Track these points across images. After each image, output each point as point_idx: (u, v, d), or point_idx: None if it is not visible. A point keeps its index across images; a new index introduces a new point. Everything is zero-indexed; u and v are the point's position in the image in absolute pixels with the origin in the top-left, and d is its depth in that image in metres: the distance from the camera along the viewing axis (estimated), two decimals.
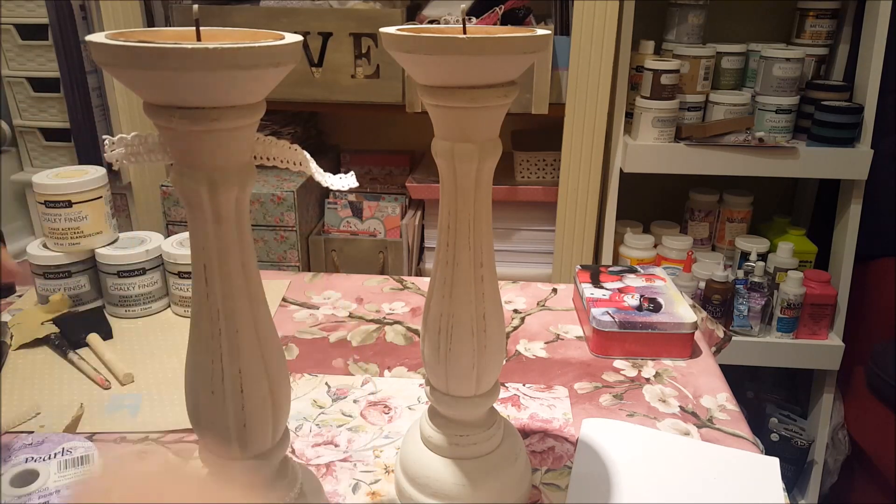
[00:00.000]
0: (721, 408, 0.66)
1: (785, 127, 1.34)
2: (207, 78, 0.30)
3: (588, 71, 1.28)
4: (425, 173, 1.49)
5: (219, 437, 0.40)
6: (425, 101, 0.42)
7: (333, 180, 0.38)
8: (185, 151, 0.33)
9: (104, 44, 0.31)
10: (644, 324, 0.72)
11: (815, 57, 1.40)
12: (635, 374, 0.71)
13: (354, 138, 1.72)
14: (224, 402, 0.39)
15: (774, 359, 1.42)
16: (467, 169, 0.43)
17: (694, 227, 1.51)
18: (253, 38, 0.34)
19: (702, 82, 1.36)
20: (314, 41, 1.32)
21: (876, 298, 1.42)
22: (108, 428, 0.61)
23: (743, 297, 1.39)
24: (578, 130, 1.32)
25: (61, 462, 0.50)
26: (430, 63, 0.39)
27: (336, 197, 1.51)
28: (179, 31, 0.35)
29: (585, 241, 1.39)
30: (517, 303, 0.86)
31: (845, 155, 1.31)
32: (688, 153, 1.33)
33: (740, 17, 1.50)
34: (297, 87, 1.35)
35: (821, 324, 1.40)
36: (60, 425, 0.61)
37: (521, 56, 0.39)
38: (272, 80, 0.33)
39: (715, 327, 0.80)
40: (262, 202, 1.38)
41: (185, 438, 0.60)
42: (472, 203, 0.44)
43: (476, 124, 0.42)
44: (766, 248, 1.42)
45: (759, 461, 0.58)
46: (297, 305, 0.85)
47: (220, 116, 0.32)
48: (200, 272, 0.37)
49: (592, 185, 1.35)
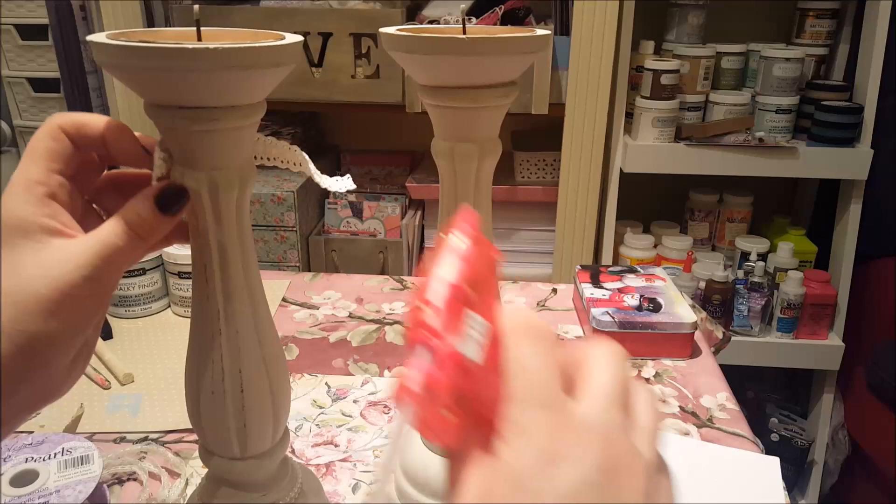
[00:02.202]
0: (721, 407, 0.66)
1: (785, 127, 1.34)
2: (208, 78, 0.30)
3: (588, 71, 1.28)
4: (425, 173, 1.49)
5: (219, 437, 0.40)
6: (425, 102, 0.42)
7: (330, 182, 0.38)
8: (186, 151, 0.33)
9: (105, 44, 0.30)
10: (644, 324, 0.72)
11: (815, 57, 1.40)
12: (635, 375, 0.71)
13: (354, 138, 1.72)
14: (224, 403, 0.39)
15: (774, 359, 1.42)
16: (467, 169, 0.43)
17: (694, 227, 1.51)
18: (253, 38, 0.34)
19: (702, 82, 1.36)
20: (314, 41, 1.32)
21: (876, 298, 1.42)
22: (108, 428, 0.61)
23: (743, 298, 1.39)
24: (578, 130, 1.32)
25: (61, 462, 0.50)
26: (429, 63, 0.39)
27: (336, 197, 1.51)
28: (180, 31, 0.35)
29: (585, 242, 1.39)
30: (517, 303, 0.86)
31: (845, 155, 1.31)
32: (688, 153, 1.33)
33: (740, 17, 1.50)
34: (297, 87, 1.34)
35: (821, 324, 1.40)
36: (60, 425, 0.61)
37: (521, 56, 0.39)
38: (272, 80, 0.33)
39: (714, 328, 0.80)
40: (262, 202, 1.38)
41: (185, 438, 0.60)
42: (472, 203, 0.44)
43: (476, 124, 0.42)
44: (766, 248, 1.42)
45: (760, 460, 0.58)
46: (297, 305, 0.85)
47: (220, 116, 0.32)
48: (201, 272, 0.37)
49: (592, 185, 1.35)
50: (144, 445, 0.58)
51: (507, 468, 0.23)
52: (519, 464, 0.22)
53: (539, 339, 0.25)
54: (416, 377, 0.24)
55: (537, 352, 0.25)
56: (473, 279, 0.27)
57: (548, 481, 0.22)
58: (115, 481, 0.55)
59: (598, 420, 0.24)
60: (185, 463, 0.56)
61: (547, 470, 0.22)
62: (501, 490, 0.22)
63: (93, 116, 0.32)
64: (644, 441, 0.25)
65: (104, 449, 0.57)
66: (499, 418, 0.24)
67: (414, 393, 0.24)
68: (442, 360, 0.25)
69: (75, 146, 0.32)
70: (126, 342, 0.74)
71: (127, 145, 0.33)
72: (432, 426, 0.24)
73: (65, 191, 0.31)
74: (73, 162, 0.32)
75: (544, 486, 0.22)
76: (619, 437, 0.24)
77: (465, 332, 0.26)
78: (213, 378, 0.38)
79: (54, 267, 0.29)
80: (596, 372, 0.25)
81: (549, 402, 0.24)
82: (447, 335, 0.25)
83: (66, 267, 0.29)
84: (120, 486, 0.55)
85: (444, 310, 0.26)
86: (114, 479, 0.55)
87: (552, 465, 0.22)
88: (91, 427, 0.61)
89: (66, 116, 0.32)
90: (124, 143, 0.32)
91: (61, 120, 0.31)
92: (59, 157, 0.31)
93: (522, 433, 0.23)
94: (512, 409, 0.24)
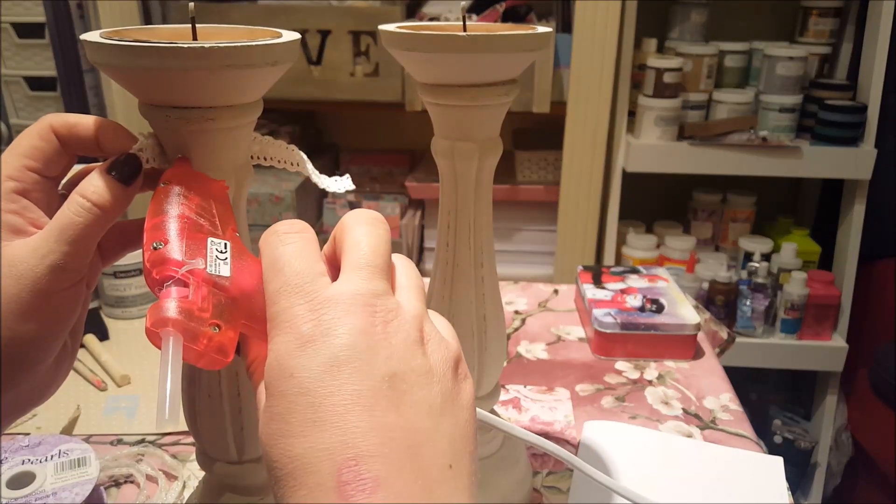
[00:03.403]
0: (724, 408, 0.65)
1: (788, 126, 1.33)
2: (203, 77, 0.30)
3: (590, 69, 1.27)
4: (425, 173, 1.49)
5: (216, 440, 0.40)
6: (425, 100, 0.41)
7: (329, 182, 0.37)
8: (182, 151, 0.33)
9: (98, 42, 0.30)
10: (647, 325, 0.72)
11: (818, 55, 1.39)
12: (638, 376, 0.70)
13: (353, 137, 1.71)
14: (221, 405, 0.38)
15: (778, 360, 1.41)
16: (467, 168, 0.42)
17: (697, 227, 1.50)
18: (250, 35, 0.34)
19: (705, 81, 1.35)
20: (313, 39, 1.32)
21: (880, 299, 1.41)
22: (105, 430, 0.61)
23: (746, 298, 1.38)
24: (580, 129, 1.31)
25: (58, 464, 0.50)
26: (430, 61, 0.38)
27: (335, 197, 1.50)
28: (175, 28, 0.35)
29: (587, 242, 1.39)
30: (518, 304, 0.85)
31: (849, 154, 1.30)
32: (691, 152, 1.32)
33: (743, 15, 1.49)
34: (295, 85, 1.34)
35: (824, 325, 1.39)
36: (57, 427, 0.60)
37: (522, 54, 0.38)
38: (269, 78, 0.33)
39: (718, 328, 0.79)
40: (260, 202, 1.37)
41: (182, 441, 0.59)
42: (473, 203, 0.43)
43: (476, 123, 0.41)
44: (769, 248, 1.41)
45: (763, 461, 0.57)
46: None
47: (216, 116, 0.32)
48: None
49: (594, 184, 1.35)
50: (141, 448, 0.58)
51: (273, 360, 0.24)
52: (280, 351, 0.24)
53: (290, 233, 0.27)
54: (170, 305, 0.25)
55: (286, 243, 0.26)
56: (200, 210, 0.29)
57: (307, 360, 0.23)
58: (112, 483, 0.55)
59: (354, 289, 0.25)
60: (182, 465, 0.56)
61: (301, 351, 0.23)
62: (276, 383, 0.24)
63: (85, 117, 0.31)
64: (406, 297, 0.27)
65: (101, 451, 0.57)
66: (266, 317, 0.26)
67: (172, 318, 0.25)
68: (194, 284, 0.26)
69: (65, 147, 0.31)
70: (122, 343, 0.74)
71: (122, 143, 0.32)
72: (201, 350, 0.25)
73: (41, 189, 0.30)
74: (58, 163, 0.31)
75: (301, 366, 0.23)
76: (381, 299, 0.25)
77: (209, 255, 0.27)
78: (210, 381, 0.38)
79: (18, 264, 0.28)
80: (353, 243, 0.27)
81: (301, 286, 0.25)
82: (191, 262, 0.26)
83: (29, 261, 0.28)
84: (117, 488, 0.54)
85: (179, 241, 0.27)
86: (110, 482, 0.55)
87: (306, 346, 0.23)
88: (88, 429, 0.61)
89: (59, 117, 0.31)
90: (120, 142, 0.32)
91: (53, 120, 0.31)
92: (42, 156, 0.30)
93: (280, 323, 0.25)
94: (269, 304, 0.25)
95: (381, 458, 0.22)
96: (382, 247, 0.27)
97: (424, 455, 0.23)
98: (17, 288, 0.28)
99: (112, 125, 0.32)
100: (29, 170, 0.30)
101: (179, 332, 0.25)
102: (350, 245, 0.27)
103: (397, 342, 0.24)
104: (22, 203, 0.29)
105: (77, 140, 0.31)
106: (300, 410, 0.23)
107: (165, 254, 0.27)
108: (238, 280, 0.27)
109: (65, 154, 0.31)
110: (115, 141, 0.32)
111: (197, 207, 0.29)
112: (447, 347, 0.26)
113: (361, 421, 0.22)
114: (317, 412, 0.22)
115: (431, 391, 0.24)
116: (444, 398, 0.24)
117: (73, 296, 0.30)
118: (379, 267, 0.26)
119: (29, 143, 0.30)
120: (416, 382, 0.24)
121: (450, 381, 0.25)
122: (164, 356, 0.25)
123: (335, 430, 0.22)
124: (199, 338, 0.25)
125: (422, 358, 0.25)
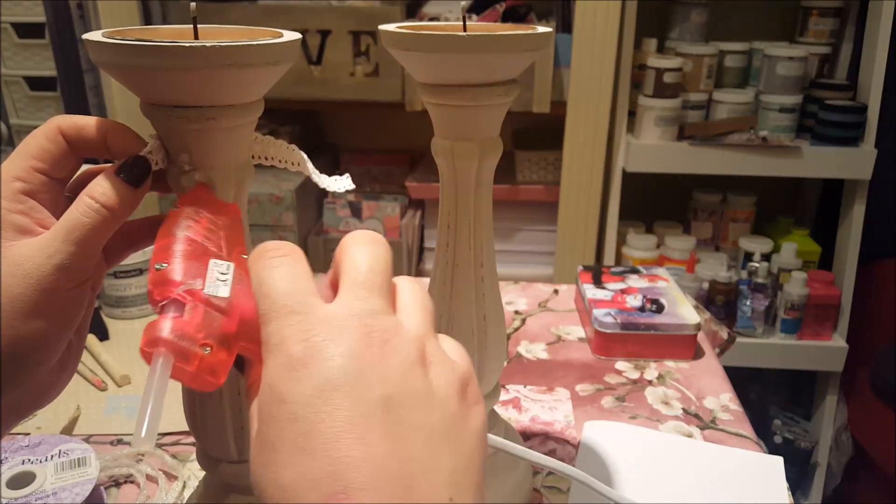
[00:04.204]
0: (724, 408, 0.65)
1: (788, 126, 1.33)
2: (204, 76, 0.30)
3: (590, 69, 1.27)
4: (425, 173, 1.49)
5: (216, 440, 0.39)
6: (425, 100, 0.41)
7: (329, 182, 0.37)
8: (183, 151, 0.33)
9: (100, 42, 0.30)
10: (647, 325, 0.72)
11: (818, 55, 1.39)
12: (638, 376, 0.70)
13: (353, 137, 1.71)
14: (222, 405, 0.38)
15: (778, 360, 1.41)
16: (468, 168, 0.42)
17: (697, 227, 1.50)
18: (251, 35, 0.34)
19: (705, 81, 1.35)
20: (313, 39, 1.32)
21: (880, 299, 1.41)
22: (105, 430, 0.61)
23: (746, 298, 1.38)
24: (580, 129, 1.31)
25: (58, 464, 0.50)
26: (430, 61, 0.38)
27: (335, 197, 1.50)
28: (176, 28, 0.35)
29: (587, 242, 1.39)
30: (518, 304, 0.85)
31: (849, 154, 1.30)
32: (691, 152, 1.32)
33: (743, 15, 1.49)
34: (295, 85, 1.34)
35: (824, 325, 1.39)
36: (57, 427, 0.60)
37: (523, 54, 0.38)
38: (270, 78, 0.33)
39: (719, 328, 0.79)
40: (260, 202, 1.37)
41: (183, 441, 0.59)
42: (473, 203, 0.43)
43: (476, 123, 0.41)
44: (769, 248, 1.41)
45: (763, 461, 0.57)
46: None
47: (217, 115, 0.32)
48: None
49: (594, 184, 1.35)
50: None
51: (265, 384, 0.23)
52: (272, 375, 0.23)
53: (277, 256, 0.26)
54: (164, 325, 0.25)
55: (273, 266, 0.26)
56: (208, 233, 0.29)
57: (298, 384, 0.22)
58: (112, 484, 0.55)
59: (348, 308, 0.24)
60: (182, 465, 0.56)
61: (293, 375, 0.23)
62: (267, 408, 0.23)
63: (93, 119, 0.31)
64: (407, 315, 0.25)
65: (101, 451, 0.56)
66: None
67: (164, 339, 0.25)
68: (190, 304, 0.26)
69: (73, 149, 0.31)
70: (122, 343, 0.74)
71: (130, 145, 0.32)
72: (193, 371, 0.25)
73: (48, 190, 0.31)
74: (65, 164, 0.31)
75: (292, 391, 0.22)
76: (378, 318, 0.24)
77: (209, 276, 0.27)
78: None
79: (24, 263, 0.28)
80: (350, 263, 0.26)
81: (289, 307, 0.24)
82: (190, 282, 0.26)
83: (35, 260, 0.28)
84: (117, 488, 0.54)
85: (181, 262, 0.27)
86: (111, 482, 0.55)
87: (297, 369, 0.23)
88: (88, 429, 0.61)
89: (67, 119, 0.31)
90: (127, 144, 0.32)
91: (61, 122, 0.31)
92: (49, 157, 0.30)
93: (272, 345, 0.24)
94: (261, 326, 0.25)
95: (372, 491, 0.20)
96: (381, 265, 0.26)
97: (419, 487, 0.21)
98: (22, 287, 0.28)
99: (120, 127, 0.32)
100: (36, 171, 0.30)
101: (171, 352, 0.25)
102: (347, 265, 0.26)
103: (394, 363, 0.23)
104: (29, 203, 0.30)
105: (85, 142, 0.31)
106: (290, 438, 0.22)
107: (167, 274, 0.27)
108: (238, 301, 0.27)
109: (72, 156, 0.31)
110: (122, 143, 0.32)
111: (205, 230, 0.29)
112: (453, 369, 0.25)
113: (352, 450, 0.21)
114: (307, 440, 0.21)
115: (431, 416, 0.23)
116: (447, 424, 0.23)
117: (78, 296, 0.30)
118: (376, 285, 0.25)
119: (36, 144, 0.30)
120: (414, 406, 0.22)
121: (454, 405, 0.23)
122: (150, 376, 0.24)
123: (325, 459, 0.21)
124: (190, 358, 0.25)
125: (422, 380, 0.23)
